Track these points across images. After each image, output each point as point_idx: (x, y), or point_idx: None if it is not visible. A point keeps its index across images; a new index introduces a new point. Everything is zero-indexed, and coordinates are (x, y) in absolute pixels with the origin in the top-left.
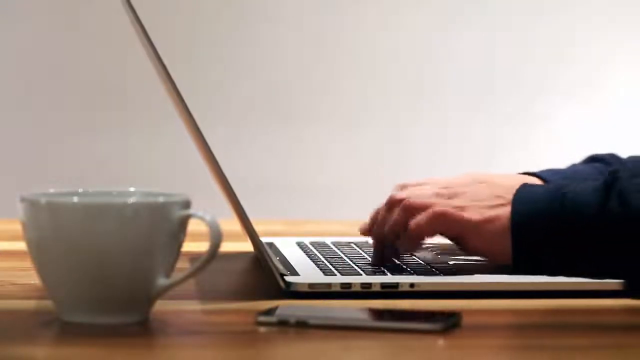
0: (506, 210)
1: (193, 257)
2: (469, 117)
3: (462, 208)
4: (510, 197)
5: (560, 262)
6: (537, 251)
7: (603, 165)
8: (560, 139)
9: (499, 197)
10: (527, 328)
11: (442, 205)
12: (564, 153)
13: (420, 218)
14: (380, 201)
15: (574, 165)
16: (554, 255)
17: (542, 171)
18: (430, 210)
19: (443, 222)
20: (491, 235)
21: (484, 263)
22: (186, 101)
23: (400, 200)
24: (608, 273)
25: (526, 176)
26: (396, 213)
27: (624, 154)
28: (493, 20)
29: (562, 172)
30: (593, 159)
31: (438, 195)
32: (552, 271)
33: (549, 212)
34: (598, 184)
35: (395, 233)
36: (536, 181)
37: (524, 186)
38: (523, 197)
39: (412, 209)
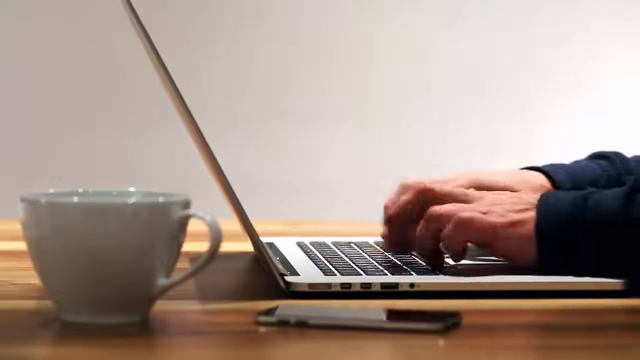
0: (531, 215)
1: (193, 257)
2: (468, 116)
3: (487, 213)
4: (534, 201)
5: (584, 265)
6: (561, 255)
7: (606, 162)
8: (559, 139)
9: (523, 202)
10: (527, 328)
11: (467, 211)
12: (563, 152)
13: (449, 229)
14: (380, 201)
15: (577, 162)
16: (579, 258)
17: (545, 165)
18: (455, 219)
19: (471, 229)
20: (517, 239)
21: (483, 263)
22: (186, 101)
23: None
24: (634, 276)
25: (528, 171)
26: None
27: (624, 153)
28: (493, 20)
29: (565, 167)
30: (597, 156)
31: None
32: (576, 274)
33: (572, 217)
34: (621, 190)
35: (424, 247)
36: (539, 175)
37: (548, 192)
38: (547, 202)
39: (436, 217)
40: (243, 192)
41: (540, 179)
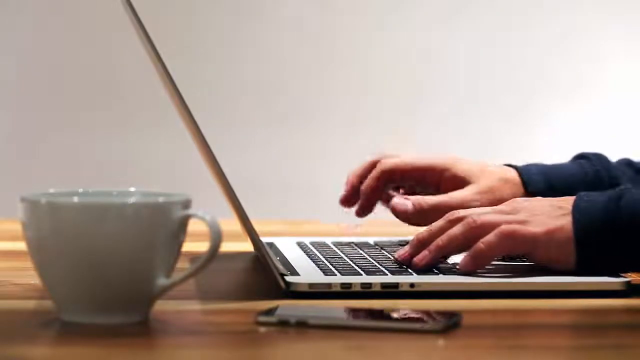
0: (568, 220)
1: (193, 257)
2: (468, 116)
3: (526, 222)
4: (569, 206)
5: (623, 266)
6: (600, 257)
7: (586, 162)
8: (558, 139)
9: (560, 207)
10: (527, 328)
11: (507, 223)
12: (562, 152)
13: (490, 238)
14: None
15: (558, 163)
16: (617, 260)
17: (527, 165)
18: (498, 231)
19: (512, 241)
20: (557, 245)
21: None
22: (186, 101)
23: (462, 217)
24: None
25: (496, 165)
26: (458, 228)
27: (622, 153)
28: (493, 20)
29: (544, 167)
30: (578, 157)
31: (499, 212)
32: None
33: (606, 220)
34: None
35: (454, 246)
36: (508, 169)
37: (581, 195)
38: (582, 206)
39: (477, 228)
40: (243, 192)
41: (507, 172)
